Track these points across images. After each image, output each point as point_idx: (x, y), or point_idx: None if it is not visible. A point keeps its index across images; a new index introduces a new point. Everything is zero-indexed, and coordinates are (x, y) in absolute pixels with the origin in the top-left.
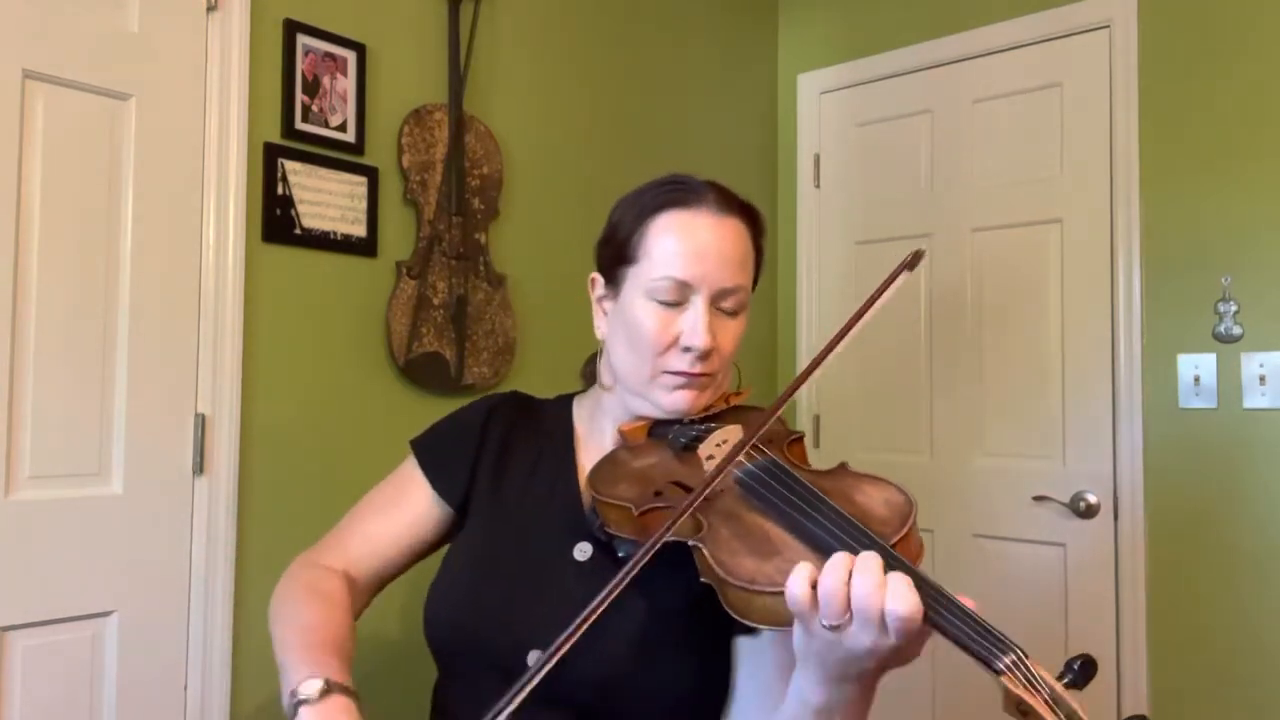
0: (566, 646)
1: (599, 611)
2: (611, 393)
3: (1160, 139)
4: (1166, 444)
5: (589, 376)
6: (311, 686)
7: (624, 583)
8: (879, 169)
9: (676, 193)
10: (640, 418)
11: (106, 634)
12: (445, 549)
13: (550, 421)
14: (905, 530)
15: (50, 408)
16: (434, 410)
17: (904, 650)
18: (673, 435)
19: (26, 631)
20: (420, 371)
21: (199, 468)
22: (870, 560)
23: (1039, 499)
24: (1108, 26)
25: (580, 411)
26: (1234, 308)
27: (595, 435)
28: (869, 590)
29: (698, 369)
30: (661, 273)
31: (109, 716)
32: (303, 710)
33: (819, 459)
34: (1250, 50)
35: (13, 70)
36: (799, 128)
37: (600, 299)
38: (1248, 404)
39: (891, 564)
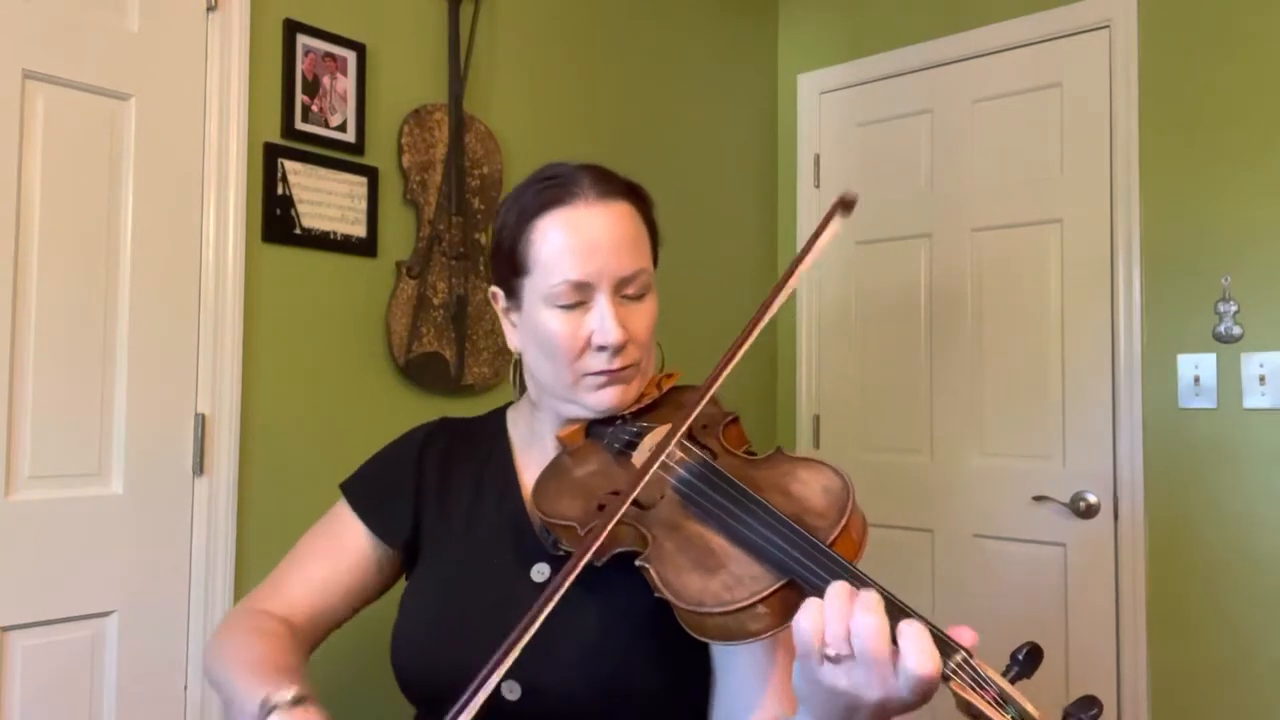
0: (506, 663)
1: (533, 629)
2: (541, 401)
3: (1160, 139)
4: (1166, 444)
5: (521, 386)
6: (284, 695)
7: (547, 605)
8: (879, 169)
9: (551, 189)
10: (574, 420)
11: (106, 634)
12: (395, 591)
13: (486, 440)
14: (844, 521)
15: (50, 408)
16: (434, 410)
17: (917, 703)
18: (609, 437)
19: (26, 631)
20: (420, 371)
21: (199, 468)
22: (870, 600)
23: (1039, 499)
24: (1108, 26)
25: (516, 422)
26: (1234, 308)
27: (535, 444)
28: (873, 634)
29: (617, 364)
30: (557, 278)
31: (109, 716)
32: (275, 716)
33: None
34: (1250, 50)
35: (13, 70)
36: (799, 128)
37: (505, 311)
38: (1248, 404)
39: (857, 586)
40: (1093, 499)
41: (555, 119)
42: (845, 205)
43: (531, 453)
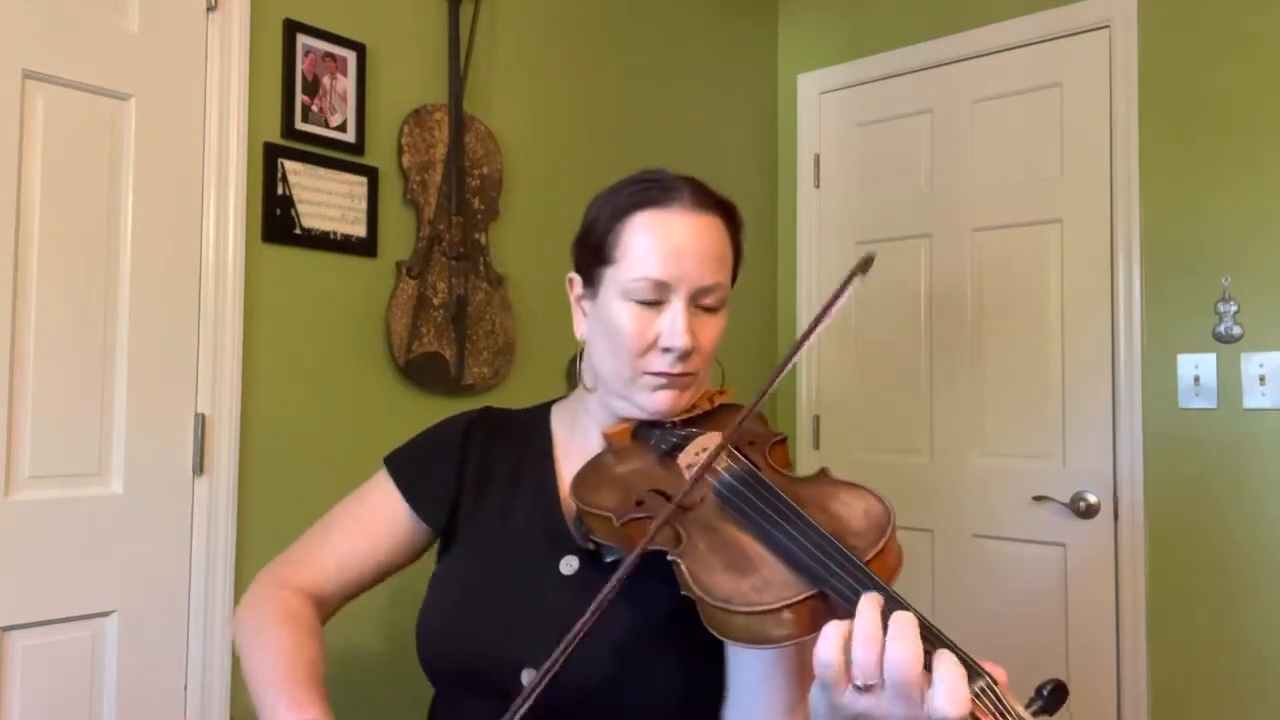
0: (556, 668)
1: (585, 630)
2: (594, 394)
3: (1160, 139)
4: (1166, 444)
5: (573, 378)
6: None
7: (607, 600)
8: (879, 169)
9: (651, 190)
10: (624, 420)
11: (106, 634)
12: (424, 569)
13: (527, 434)
14: (882, 543)
15: (50, 408)
16: (434, 410)
17: None
18: (656, 439)
19: (26, 631)
20: (420, 371)
21: (199, 468)
22: (907, 627)
23: (1039, 499)
24: (1108, 26)
25: (560, 418)
26: (1234, 308)
27: (578, 440)
28: (909, 666)
29: (678, 369)
30: (639, 273)
31: (109, 716)
32: None
33: (819, 459)
34: (1250, 50)
35: (13, 70)
36: (799, 128)
37: (579, 299)
38: (1248, 404)
39: (890, 604)
40: (1093, 499)
41: (555, 119)
42: (864, 265)
43: (573, 448)
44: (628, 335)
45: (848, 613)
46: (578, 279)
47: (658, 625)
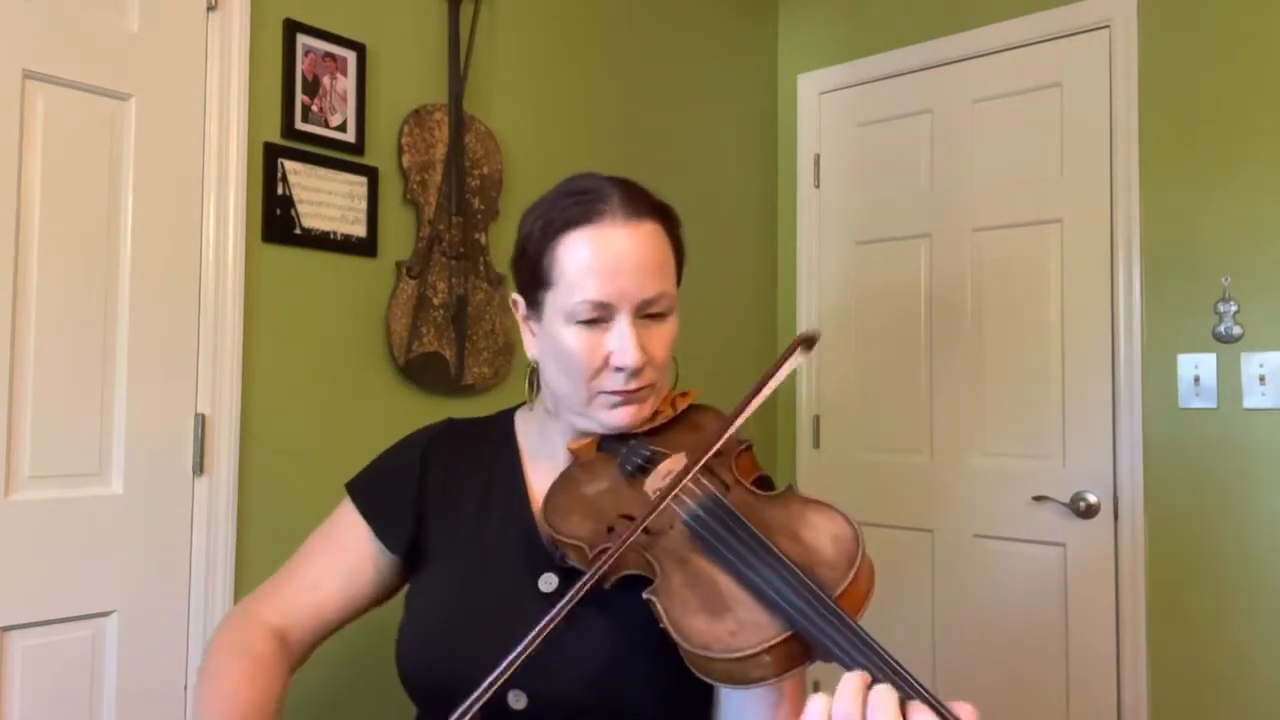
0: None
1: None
2: (555, 414)
3: (1160, 139)
4: (1166, 444)
5: (535, 387)
6: None
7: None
8: (879, 169)
9: (580, 205)
10: (586, 434)
11: (106, 634)
12: (399, 595)
13: (494, 444)
14: (853, 573)
15: (50, 408)
16: (434, 410)
17: None
18: (622, 456)
19: (26, 631)
20: (420, 371)
21: (199, 468)
22: (886, 705)
23: (1039, 499)
24: (1108, 26)
25: (526, 427)
26: (1234, 308)
27: (545, 451)
28: None
29: (633, 385)
30: (579, 297)
31: (109, 716)
32: None
33: (819, 459)
34: (1250, 50)
35: (13, 70)
36: (799, 128)
37: (525, 319)
38: (1248, 404)
39: (873, 669)
40: (1093, 499)
41: (555, 119)
42: (807, 343)
43: (540, 460)
44: (577, 359)
45: (824, 650)
46: (521, 301)
47: (637, 638)
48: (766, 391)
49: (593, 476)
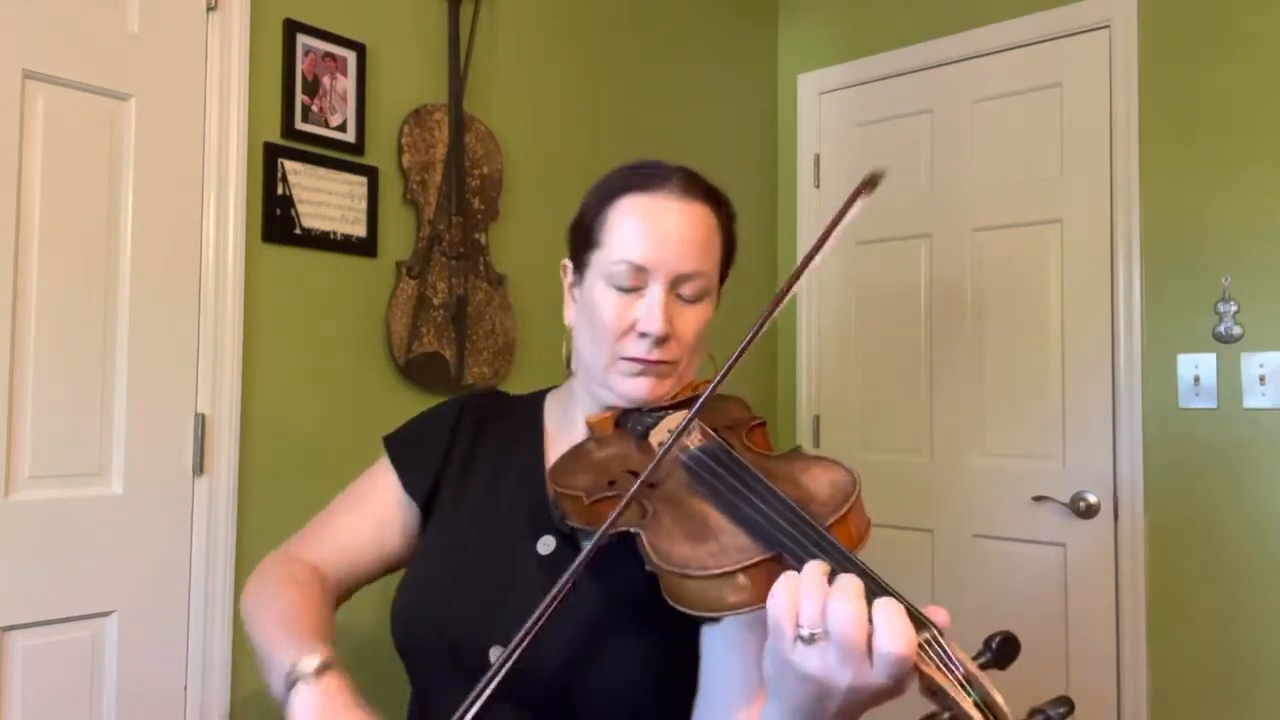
0: (522, 646)
1: (554, 606)
2: (579, 381)
3: (1160, 139)
4: (1166, 444)
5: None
6: (309, 663)
7: (574, 577)
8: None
9: (639, 176)
10: (608, 408)
11: (106, 634)
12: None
13: (521, 418)
14: (845, 509)
15: (50, 408)
16: None
17: (889, 690)
18: (633, 423)
19: (26, 631)
20: (420, 371)
21: (199, 468)
22: (849, 585)
23: (1039, 499)
24: (1108, 26)
25: (553, 407)
26: (1234, 308)
27: (567, 429)
28: (850, 620)
29: (654, 355)
30: (619, 255)
31: (109, 716)
32: (300, 687)
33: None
34: (1250, 50)
35: (13, 70)
36: (799, 128)
37: (570, 286)
38: (1248, 404)
39: (839, 565)
40: (1093, 499)
41: (555, 119)
42: (870, 183)
43: (562, 436)
44: (606, 319)
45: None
46: (569, 266)
47: (626, 608)
48: (833, 243)
49: (605, 446)
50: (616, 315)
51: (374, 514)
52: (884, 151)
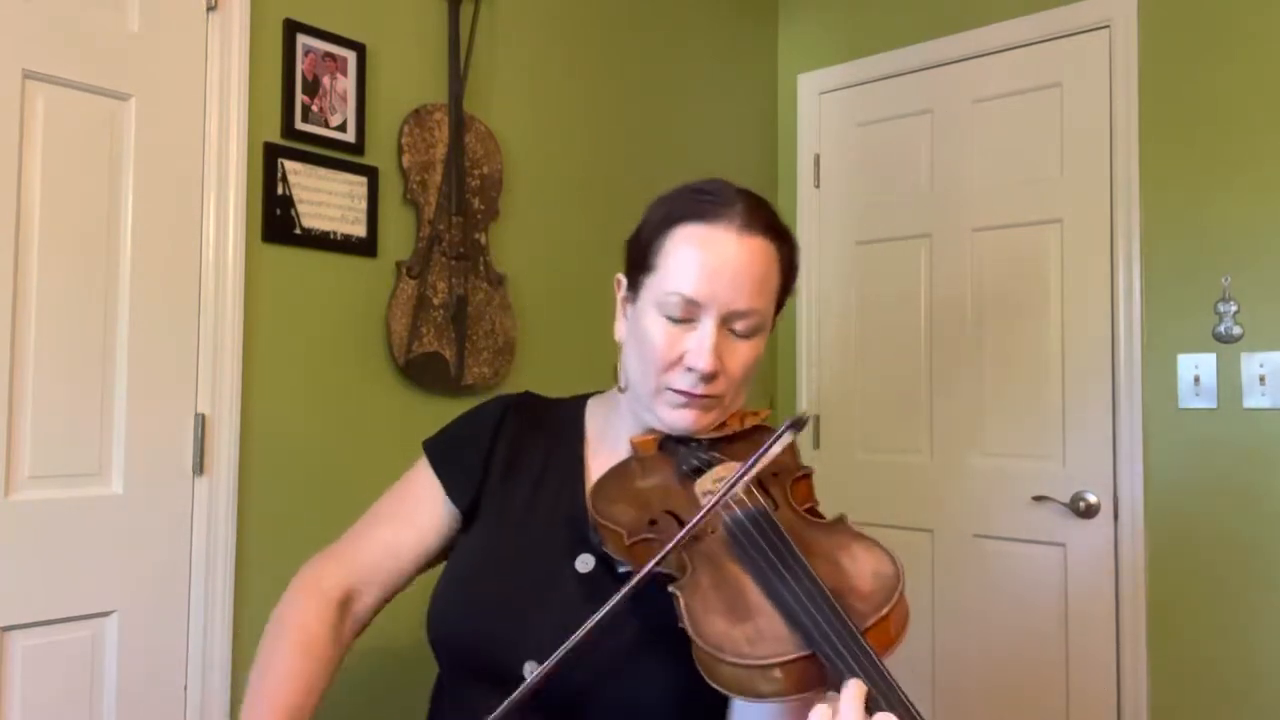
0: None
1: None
2: (625, 397)
3: (1160, 139)
4: (1166, 444)
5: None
6: None
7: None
8: (879, 169)
9: (702, 204)
10: (651, 430)
11: (106, 634)
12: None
13: (562, 425)
14: (887, 610)
15: (50, 408)
16: (434, 410)
17: None
18: (681, 456)
19: (26, 631)
20: (420, 371)
21: (199, 468)
22: None
23: (1039, 499)
24: (1108, 26)
25: (594, 414)
26: (1234, 308)
27: (608, 440)
28: None
29: (700, 390)
30: (673, 287)
31: (109, 716)
32: None
33: (819, 459)
34: (1250, 50)
35: (13, 70)
36: (799, 128)
37: (623, 300)
38: (1248, 404)
39: (873, 685)
40: (1093, 499)
41: (555, 119)
42: (797, 426)
43: (603, 446)
44: (655, 348)
45: (837, 679)
46: (624, 280)
47: (659, 635)
48: (757, 468)
49: (647, 471)
50: (666, 345)
51: (418, 524)
52: (884, 151)
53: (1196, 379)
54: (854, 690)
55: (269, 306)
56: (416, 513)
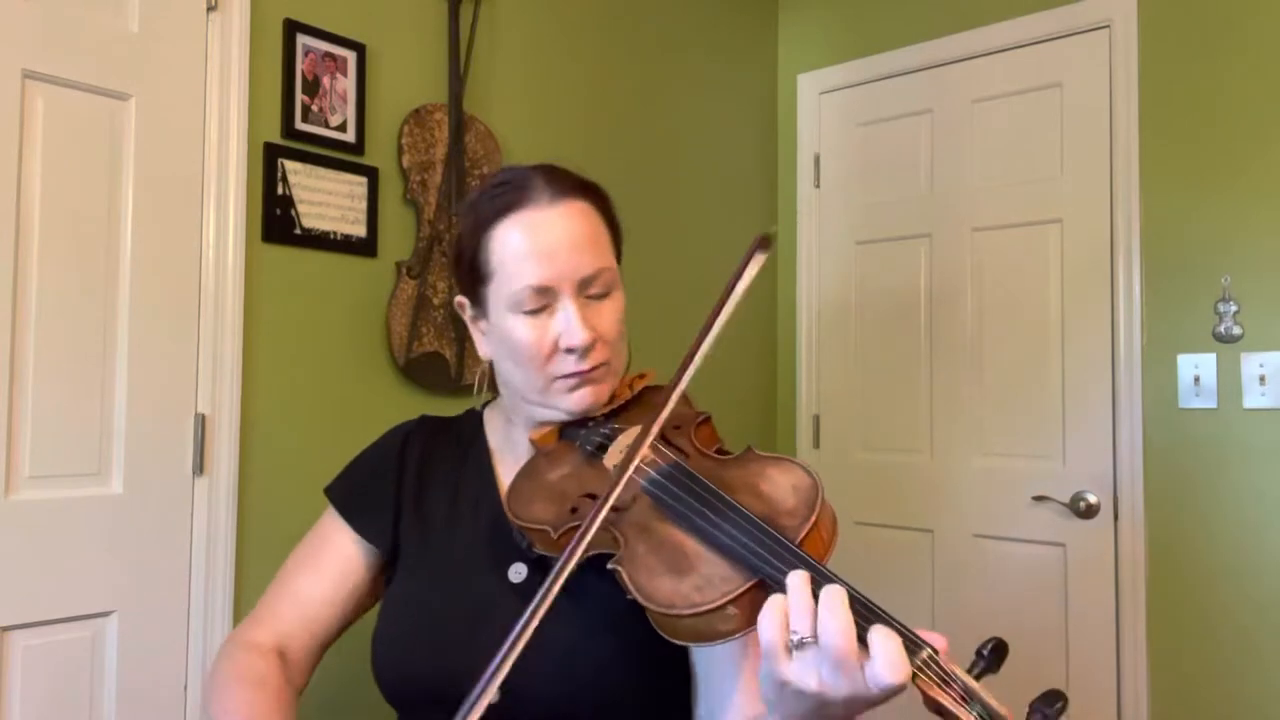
0: (498, 677)
1: (524, 635)
2: (511, 405)
3: (1160, 139)
4: (1166, 444)
5: (495, 388)
6: None
7: (539, 611)
8: (879, 169)
9: (505, 195)
10: (548, 423)
11: (106, 634)
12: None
13: (464, 441)
14: (813, 518)
15: (50, 408)
16: (434, 410)
17: (882, 700)
18: (581, 438)
19: (26, 631)
20: (420, 371)
21: (199, 468)
22: (835, 596)
23: (1039, 499)
24: (1108, 26)
25: (492, 424)
26: (1234, 308)
27: (510, 446)
28: (839, 632)
29: (587, 365)
30: (518, 284)
31: (109, 716)
32: None
33: (819, 459)
34: (1250, 50)
35: (13, 70)
36: (799, 128)
37: (473, 320)
38: (1248, 404)
39: (820, 579)
40: (1093, 499)
41: (555, 119)
42: (764, 243)
43: (508, 453)
44: (528, 346)
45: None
46: (466, 302)
47: (613, 622)
48: (725, 313)
49: (555, 463)
50: (537, 340)
51: (332, 569)
52: (884, 151)
53: (1196, 379)
54: (797, 578)
55: (269, 307)
56: (330, 561)
